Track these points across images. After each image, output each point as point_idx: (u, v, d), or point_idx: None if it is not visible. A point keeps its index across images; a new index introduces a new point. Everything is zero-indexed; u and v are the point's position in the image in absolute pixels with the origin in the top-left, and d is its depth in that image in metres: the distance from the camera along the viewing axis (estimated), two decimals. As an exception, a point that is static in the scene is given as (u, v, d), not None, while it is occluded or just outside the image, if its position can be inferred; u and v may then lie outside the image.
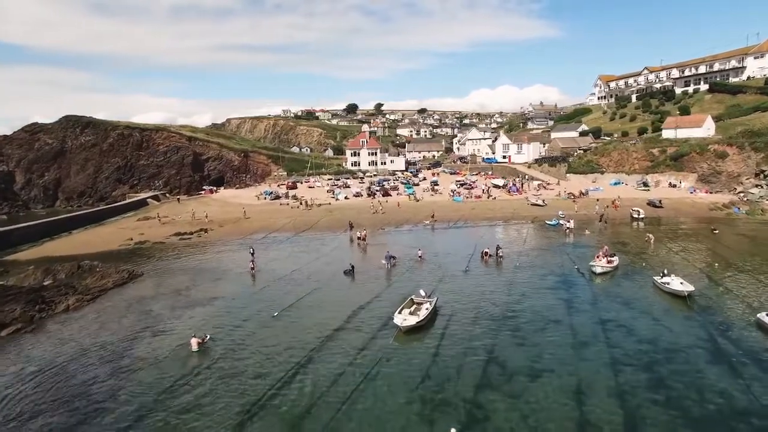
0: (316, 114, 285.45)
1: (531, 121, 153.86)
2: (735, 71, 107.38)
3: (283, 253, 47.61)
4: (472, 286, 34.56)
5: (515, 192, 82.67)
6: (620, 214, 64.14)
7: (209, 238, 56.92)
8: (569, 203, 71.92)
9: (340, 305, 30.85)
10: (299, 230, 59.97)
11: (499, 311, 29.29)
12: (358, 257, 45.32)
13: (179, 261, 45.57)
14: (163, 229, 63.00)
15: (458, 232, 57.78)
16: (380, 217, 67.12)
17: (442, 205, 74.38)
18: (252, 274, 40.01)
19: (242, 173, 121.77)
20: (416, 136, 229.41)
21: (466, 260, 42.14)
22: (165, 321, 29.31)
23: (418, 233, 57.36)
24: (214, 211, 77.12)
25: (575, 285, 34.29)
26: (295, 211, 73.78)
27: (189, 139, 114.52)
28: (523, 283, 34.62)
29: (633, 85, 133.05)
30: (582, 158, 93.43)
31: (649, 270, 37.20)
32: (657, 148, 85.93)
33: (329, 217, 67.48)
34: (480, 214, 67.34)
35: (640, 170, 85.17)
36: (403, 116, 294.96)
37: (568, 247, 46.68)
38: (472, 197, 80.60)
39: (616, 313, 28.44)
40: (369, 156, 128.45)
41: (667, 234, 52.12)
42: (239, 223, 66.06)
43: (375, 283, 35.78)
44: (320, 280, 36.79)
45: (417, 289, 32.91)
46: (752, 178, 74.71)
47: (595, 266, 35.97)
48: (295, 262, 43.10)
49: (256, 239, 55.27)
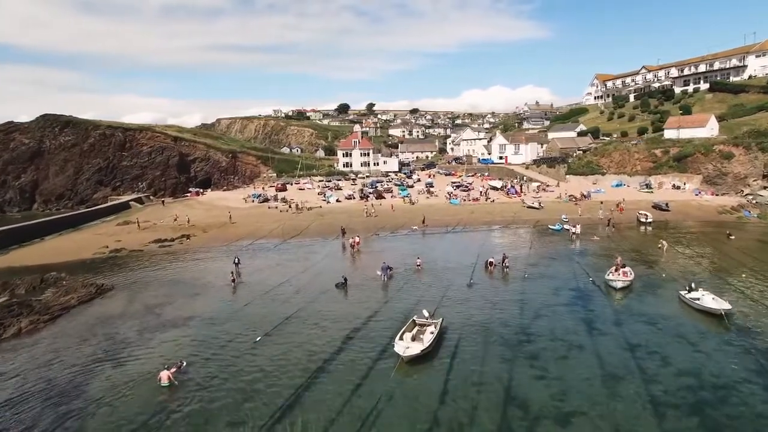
0: (307, 114, 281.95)
1: (526, 121, 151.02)
2: (736, 70, 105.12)
3: (270, 263, 43.91)
4: (478, 302, 31.10)
5: (514, 194, 79.49)
6: (626, 217, 61.15)
7: (191, 245, 53.04)
8: (571, 206, 68.83)
9: (331, 327, 27.24)
10: (288, 236, 56.26)
11: (512, 334, 25.84)
12: (350, 267, 41.75)
13: (156, 272, 41.67)
14: (142, 235, 58.99)
15: (457, 237, 54.39)
16: (373, 221, 63.59)
17: (439, 209, 71.03)
18: (233, 286, 36.37)
19: (230, 174, 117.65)
20: (408, 136, 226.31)
21: (469, 271, 38.72)
22: (131, 347, 25.52)
23: (415, 239, 53.90)
24: (199, 214, 73.21)
25: (592, 300, 30.94)
26: (284, 215, 70.03)
27: (174, 140, 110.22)
28: (534, 299, 31.22)
29: (631, 85, 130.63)
30: (582, 159, 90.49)
31: (671, 282, 33.99)
32: (659, 149, 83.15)
33: (320, 222, 63.81)
34: (479, 218, 64.02)
35: (642, 171, 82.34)
36: (395, 116, 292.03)
37: (577, 255, 43.41)
38: (470, 200, 77.32)
39: (645, 336, 25.08)
40: (361, 157, 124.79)
41: (678, 239, 49.08)
42: (224, 229, 62.20)
43: (370, 299, 32.21)
44: (309, 296, 33.13)
45: (418, 306, 29.55)
46: (760, 180, 72.12)
47: (614, 281, 32.52)
48: (282, 273, 39.41)
49: (242, 246, 51.52)
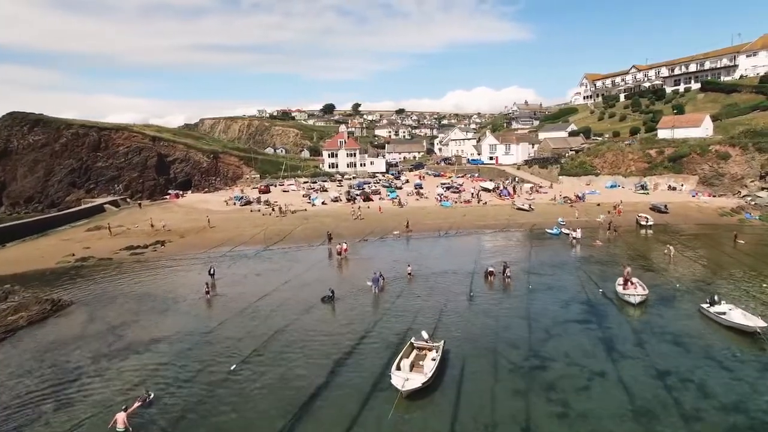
0: (292, 114, 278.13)
1: (515, 120, 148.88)
2: (727, 70, 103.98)
3: (250, 272, 40.31)
4: (481, 318, 27.97)
5: (507, 196, 76.78)
6: (624, 220, 58.62)
7: (166, 253, 49.17)
8: (567, 208, 66.32)
9: (317, 352, 23.87)
10: (270, 242, 52.67)
11: (523, 358, 22.76)
12: (338, 277, 38.38)
13: (124, 284, 37.81)
14: (113, 241, 54.89)
15: (451, 242, 51.31)
16: (361, 225, 60.25)
17: (430, 212, 68.00)
18: (208, 300, 32.84)
19: (211, 176, 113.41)
20: (395, 137, 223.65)
21: (468, 281, 35.65)
22: (83, 379, 21.88)
23: (406, 245, 50.71)
24: (177, 218, 69.20)
25: (606, 316, 28.01)
26: (267, 218, 66.34)
27: (153, 140, 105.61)
28: (543, 314, 28.19)
29: (621, 84, 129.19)
30: (575, 159, 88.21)
31: (687, 293, 31.29)
32: (654, 149, 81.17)
33: (305, 226, 60.26)
34: (473, 222, 61.07)
35: (637, 172, 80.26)
36: (381, 117, 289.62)
37: (580, 263, 40.57)
38: (461, 202, 74.40)
39: (673, 360, 22.16)
40: (348, 157, 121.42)
41: (684, 244, 46.55)
42: (203, 234, 58.37)
43: (361, 316, 28.89)
44: (292, 312, 29.68)
45: (415, 324, 26.44)
46: (757, 181, 70.38)
47: (630, 296, 29.44)
48: (262, 285, 35.89)
49: (220, 254, 47.86)
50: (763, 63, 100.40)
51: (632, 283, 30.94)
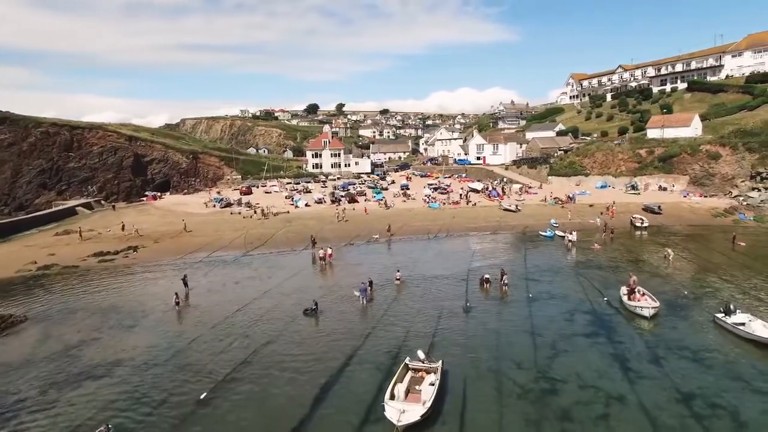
0: (276, 114, 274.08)
1: (502, 120, 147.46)
2: (712, 69, 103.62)
3: (227, 280, 37.37)
4: (481, 332, 25.54)
5: (496, 197, 74.74)
6: (617, 221, 56.91)
7: (138, 259, 45.86)
8: (558, 210, 64.52)
9: (300, 375, 21.17)
10: (251, 247, 49.71)
11: (531, 379, 20.37)
12: (322, 285, 35.63)
13: (88, 295, 34.55)
14: (82, 247, 51.29)
15: (441, 246, 48.89)
16: (347, 228, 57.52)
17: (417, 213, 65.55)
18: (178, 311, 29.97)
19: (191, 177, 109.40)
20: (379, 137, 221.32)
21: (462, 288, 33.32)
22: (25, 413, 18.85)
23: (395, 248, 48.16)
24: (153, 222, 65.67)
25: (614, 328, 25.80)
26: (248, 221, 63.21)
27: (129, 139, 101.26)
28: (547, 327, 25.87)
29: (607, 84, 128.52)
30: (564, 159, 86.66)
31: (696, 301, 29.33)
32: (644, 149, 79.95)
33: (287, 230, 57.34)
34: (462, 224, 58.80)
35: (627, 172, 78.95)
36: (365, 117, 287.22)
37: (579, 268, 38.43)
38: (450, 203, 72.12)
39: (695, 379, 19.98)
40: (332, 157, 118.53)
41: (681, 247, 44.85)
42: (179, 238, 55.04)
43: (348, 331, 26.22)
44: (272, 328, 26.90)
45: (408, 340, 24.06)
46: (747, 181, 69.43)
47: (641, 307, 27.02)
48: (240, 295, 33.03)
49: (197, 260, 44.82)
50: (749, 63, 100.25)
51: (640, 293, 28.75)
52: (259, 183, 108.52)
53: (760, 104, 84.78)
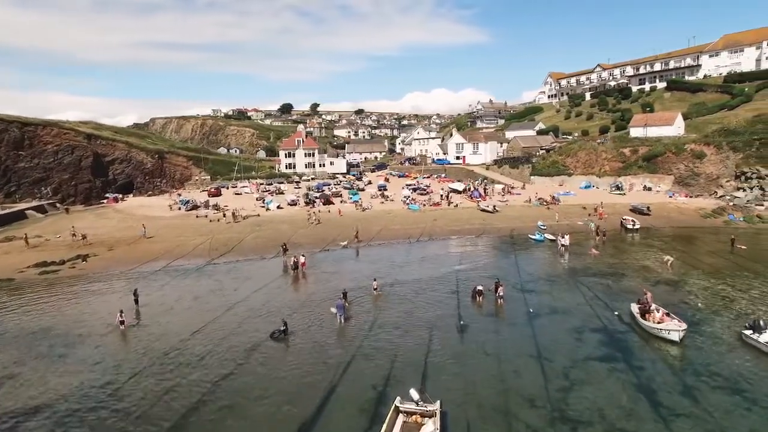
0: (249, 114, 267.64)
1: (480, 119, 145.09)
2: (690, 69, 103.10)
3: (186, 295, 32.89)
4: (481, 359, 21.84)
5: (478, 198, 71.54)
6: (607, 223, 54.06)
7: (86, 270, 40.82)
8: (544, 211, 61.69)
9: (261, 426, 17.09)
10: (216, 254, 45.17)
11: (546, 422, 16.75)
12: (293, 301, 31.45)
13: (16, 315, 29.56)
14: (23, 256, 45.84)
15: (425, 251, 45.19)
16: (321, 231, 53.36)
17: (397, 216, 61.83)
18: (122, 332, 25.56)
19: (156, 178, 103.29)
20: (354, 137, 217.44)
21: (452, 301, 29.70)
22: None
23: (374, 254, 44.25)
24: (110, 226, 60.34)
25: (632, 350, 22.46)
26: (215, 225, 58.43)
27: (88, 137, 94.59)
28: (555, 350, 22.36)
29: (586, 83, 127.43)
30: (546, 159, 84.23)
31: (715, 314, 26.30)
32: (628, 148, 78.02)
33: (257, 235, 52.85)
34: (445, 227, 55.32)
35: (611, 172, 76.91)
36: (340, 117, 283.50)
37: (577, 275, 35.19)
38: (430, 205, 68.58)
39: (743, 419, 16.69)
40: (306, 157, 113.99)
41: (676, 250, 42.23)
42: (137, 245, 50.06)
43: (323, 360, 22.16)
44: (233, 356, 22.69)
45: (394, 370, 20.16)
46: (732, 180, 67.96)
47: (667, 330, 22.99)
48: (199, 313, 28.68)
49: (154, 270, 40.13)
50: (725, 63, 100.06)
51: (659, 311, 24.69)
52: (230, 184, 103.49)
53: (739, 104, 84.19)
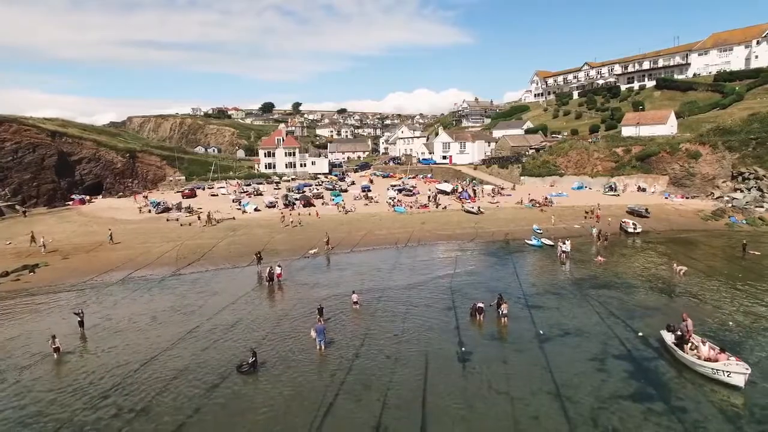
0: (229, 113, 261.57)
1: (465, 118, 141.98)
2: (680, 68, 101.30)
3: (143, 313, 28.52)
4: (488, 397, 18.07)
5: (467, 199, 68.07)
6: (604, 226, 50.96)
7: (31, 283, 36.09)
8: (537, 213, 58.47)
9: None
10: (184, 263, 40.81)
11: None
12: (266, 320, 27.31)
13: (-62, 341, 25.02)
14: (-36, 266, 40.85)
15: (414, 259, 41.34)
16: (300, 236, 49.21)
17: (382, 219, 57.93)
18: (56, 363, 21.29)
19: (127, 178, 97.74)
20: (337, 136, 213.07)
21: (447, 319, 25.99)
22: None
23: (357, 260, 40.30)
24: (71, 231, 55.32)
25: (668, 384, 18.83)
26: (186, 230, 53.84)
27: (52, 135, 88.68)
28: (575, 384, 18.71)
29: (573, 82, 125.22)
30: (537, 159, 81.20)
31: (748, 336, 23.00)
32: (620, 148, 75.40)
33: (231, 240, 48.50)
34: (434, 231, 51.66)
35: (604, 172, 74.21)
36: (322, 116, 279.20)
37: (586, 287, 31.68)
38: (418, 207, 64.82)
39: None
40: (286, 157, 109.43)
41: (682, 255, 39.16)
42: (97, 253, 45.35)
43: (299, 402, 18.19)
44: (189, 396, 18.57)
45: (386, 414, 16.23)
46: (729, 181, 65.71)
47: (726, 372, 18.34)
48: (154, 338, 24.44)
49: (111, 282, 35.66)
50: (715, 62, 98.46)
51: (704, 344, 20.15)
52: (206, 185, 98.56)
53: (731, 103, 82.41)
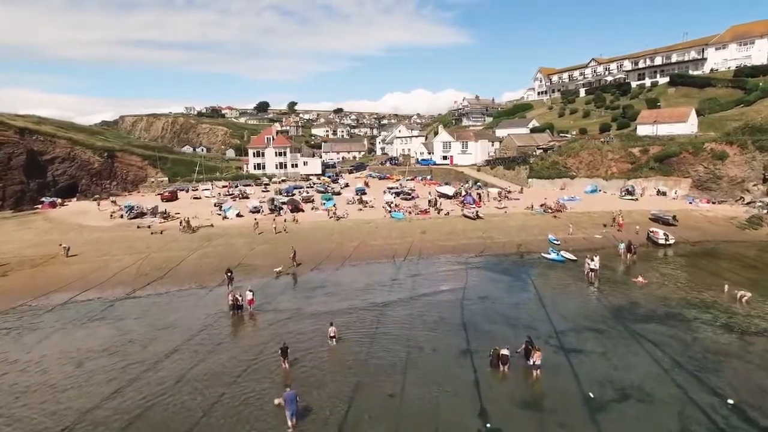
0: (223, 112, 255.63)
1: (466, 117, 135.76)
2: (695, 63, 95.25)
3: (69, 356, 22.13)
4: None
5: (472, 204, 61.65)
6: (629, 235, 44.91)
7: (-49, 309, 29.67)
8: (551, 220, 52.28)
9: None
10: (144, 281, 34.47)
11: None
12: (228, 369, 20.90)
13: None
14: None
15: (414, 278, 34.88)
16: (283, 248, 42.76)
17: (378, 226, 51.58)
18: None
19: (105, 179, 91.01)
20: (332, 136, 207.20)
21: (464, 372, 19.71)
22: None
23: (350, 280, 33.94)
24: (24, 240, 48.98)
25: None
26: (156, 239, 47.38)
27: (20, 132, 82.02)
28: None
29: (579, 79, 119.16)
30: (545, 159, 74.99)
31: None
32: (637, 148, 69.28)
33: (203, 252, 42.07)
34: (437, 242, 45.36)
35: (620, 174, 68.05)
36: (318, 116, 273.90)
37: (630, 320, 25.37)
38: (417, 212, 58.42)
39: None
40: (276, 157, 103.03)
41: (735, 273, 33.04)
42: (45, 267, 39.00)
43: None
44: None
45: None
46: (760, 184, 59.68)
47: None
48: (72, 399, 18.04)
49: (48, 307, 29.21)
50: (734, 56, 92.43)
51: None
52: (190, 186, 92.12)
53: (755, 99, 76.41)
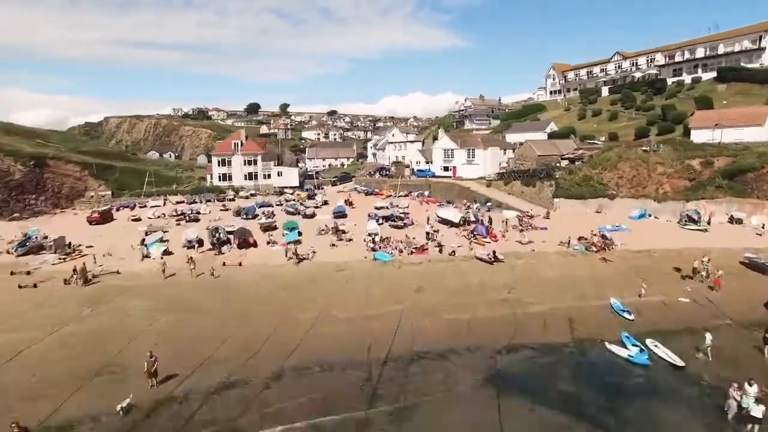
0: (209, 113, 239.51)
1: (468, 119, 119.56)
2: (748, 54, 79.00)
3: None
4: None
5: (483, 235, 45.36)
6: (729, 299, 29.01)
7: None
8: (597, 263, 36.24)
9: None
10: None
11: None
12: None
13: None
14: None
15: (398, 424, 18.76)
16: (204, 327, 26.44)
17: (353, 276, 35.19)
18: None
19: (30, 194, 74.13)
20: (324, 139, 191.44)
21: None
22: None
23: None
24: None
25: None
26: (20, 297, 30.91)
27: None
28: None
29: (600, 76, 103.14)
30: (575, 173, 58.64)
31: None
32: (697, 159, 53.22)
33: (69, 332, 25.57)
34: (438, 313, 29.15)
35: (675, 194, 51.91)
36: (310, 118, 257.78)
37: None
38: (411, 251, 41.94)
39: None
40: (245, 166, 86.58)
41: None
42: None
43: None
44: None
45: None
46: None
47: None
48: None
49: None
50: (799, 45, 76.39)
51: None
52: (137, 202, 75.99)
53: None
